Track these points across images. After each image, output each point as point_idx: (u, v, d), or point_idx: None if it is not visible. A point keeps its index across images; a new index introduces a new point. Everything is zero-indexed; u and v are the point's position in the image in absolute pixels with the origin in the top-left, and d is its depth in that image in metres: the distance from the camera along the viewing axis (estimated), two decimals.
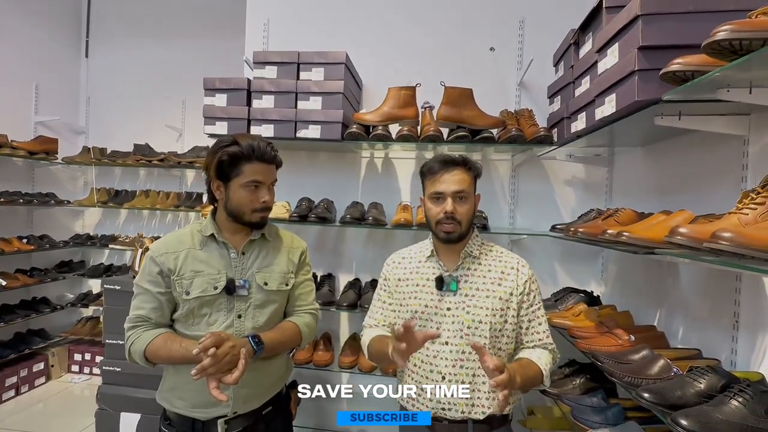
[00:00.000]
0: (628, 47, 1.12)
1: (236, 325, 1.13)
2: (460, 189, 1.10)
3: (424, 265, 1.18)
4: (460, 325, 1.09)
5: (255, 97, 1.94)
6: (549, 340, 1.16)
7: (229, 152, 1.10)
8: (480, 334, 1.08)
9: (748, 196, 0.88)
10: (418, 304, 1.14)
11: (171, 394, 1.15)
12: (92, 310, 3.54)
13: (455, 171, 1.11)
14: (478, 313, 1.09)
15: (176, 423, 1.14)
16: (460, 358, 1.08)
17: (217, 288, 1.12)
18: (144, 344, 1.08)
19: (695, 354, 1.22)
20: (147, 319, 1.12)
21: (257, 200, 1.13)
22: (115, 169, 3.64)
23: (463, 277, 1.13)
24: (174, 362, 1.11)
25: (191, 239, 1.17)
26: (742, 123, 1.11)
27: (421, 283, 1.16)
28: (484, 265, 1.14)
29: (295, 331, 1.20)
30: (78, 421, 2.58)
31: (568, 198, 2.10)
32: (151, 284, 1.13)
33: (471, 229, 1.16)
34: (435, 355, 1.10)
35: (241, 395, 1.12)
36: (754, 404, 0.84)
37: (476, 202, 1.16)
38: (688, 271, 1.39)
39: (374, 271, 2.20)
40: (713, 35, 0.78)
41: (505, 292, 1.11)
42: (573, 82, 1.61)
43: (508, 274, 1.13)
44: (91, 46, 3.78)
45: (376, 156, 2.24)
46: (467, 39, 2.17)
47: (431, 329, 1.11)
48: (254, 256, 1.19)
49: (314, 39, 2.24)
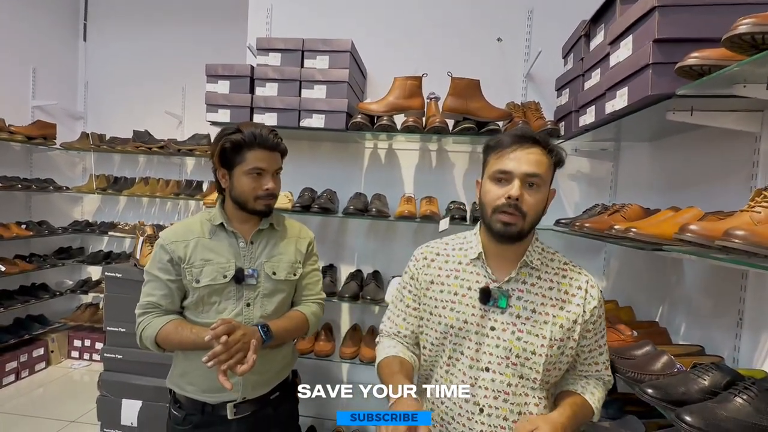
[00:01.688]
0: (642, 40, 1.09)
1: (245, 313, 1.15)
2: (534, 172, 0.85)
3: (466, 268, 0.95)
4: (507, 352, 0.88)
5: (258, 85, 1.90)
6: (608, 371, 0.99)
7: (231, 140, 1.11)
8: (531, 366, 0.88)
9: (761, 194, 0.87)
10: (454, 318, 0.92)
11: (181, 379, 1.18)
12: (92, 296, 3.54)
13: (532, 149, 0.87)
14: (533, 341, 0.88)
15: (186, 406, 1.17)
16: (504, 390, 0.88)
17: (226, 277, 1.14)
18: (155, 330, 1.11)
19: (698, 351, 1.23)
20: (157, 306, 1.15)
21: (260, 187, 1.14)
22: (114, 156, 3.60)
23: (516, 292, 0.91)
24: (185, 348, 1.14)
25: (200, 228, 1.18)
26: (755, 119, 1.10)
27: (461, 292, 0.93)
28: (545, 281, 0.92)
29: (302, 319, 1.22)
30: (78, 406, 2.59)
31: (572, 192, 2.09)
32: (162, 272, 1.15)
33: (532, 231, 0.92)
34: (473, 382, 0.90)
35: (249, 381, 1.15)
36: (759, 402, 0.84)
37: (549, 198, 0.92)
38: (692, 268, 1.39)
39: (376, 263, 2.20)
40: (734, 28, 0.77)
41: (568, 319, 0.89)
42: (582, 75, 1.59)
43: (573, 295, 0.91)
44: (88, 29, 3.71)
45: (380, 147, 2.22)
46: (474, 29, 2.13)
47: (469, 350, 0.91)
48: (263, 245, 1.20)
49: (318, 26, 2.20)
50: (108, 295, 1.72)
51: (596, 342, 0.96)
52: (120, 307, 1.71)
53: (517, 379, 0.89)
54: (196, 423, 1.15)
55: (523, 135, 0.89)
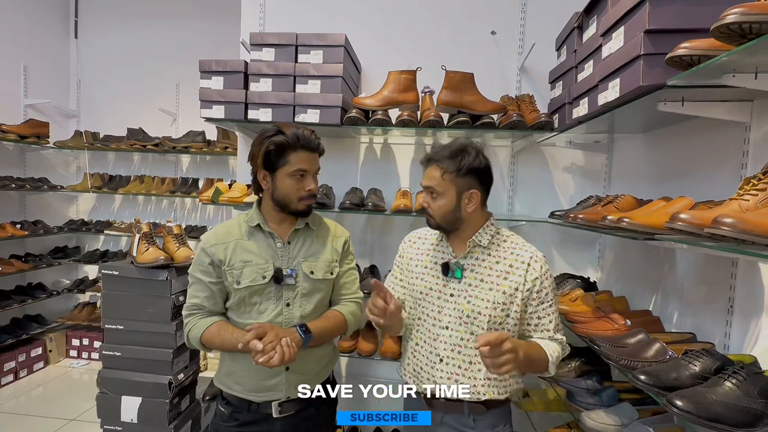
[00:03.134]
0: (634, 31, 1.10)
1: (285, 313, 1.17)
2: (428, 185, 1.11)
3: (436, 248, 1.19)
4: (460, 312, 1.10)
5: (252, 80, 1.90)
6: (559, 335, 1.12)
7: (275, 142, 1.11)
8: (478, 324, 1.08)
9: (750, 183, 0.89)
10: (423, 285, 1.16)
11: (228, 378, 1.20)
12: (89, 295, 3.53)
13: (429, 168, 1.11)
14: (479, 304, 1.08)
15: (233, 404, 1.19)
16: (458, 344, 1.10)
17: (265, 278, 1.15)
18: (200, 332, 1.14)
19: (690, 338, 1.25)
20: (202, 307, 1.17)
21: (303, 189, 1.15)
22: (108, 154, 3.58)
23: (470, 266, 1.12)
24: (227, 350, 1.16)
25: (239, 230, 1.20)
26: (745, 109, 1.11)
27: (429, 266, 1.17)
28: (493, 257, 1.12)
29: (340, 319, 1.23)
30: (78, 404, 2.60)
31: (566, 185, 2.11)
32: (204, 274, 1.17)
33: (484, 217, 1.13)
34: (435, 338, 1.12)
35: (293, 381, 1.17)
36: (747, 385, 0.87)
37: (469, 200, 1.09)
38: (684, 257, 1.41)
39: (373, 257, 2.21)
40: (723, 18, 0.77)
41: (510, 286, 1.08)
42: (576, 67, 1.60)
43: (517, 268, 1.09)
44: (80, 26, 3.66)
45: (376, 141, 2.22)
46: (468, 22, 2.13)
47: (433, 312, 1.13)
48: (299, 245, 1.21)
49: (311, 20, 2.19)
50: (105, 292, 1.72)
51: (544, 310, 1.10)
52: (118, 305, 1.71)
53: (468, 335, 1.09)
54: (243, 420, 1.18)
55: (428, 157, 1.12)
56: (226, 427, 1.19)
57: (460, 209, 1.09)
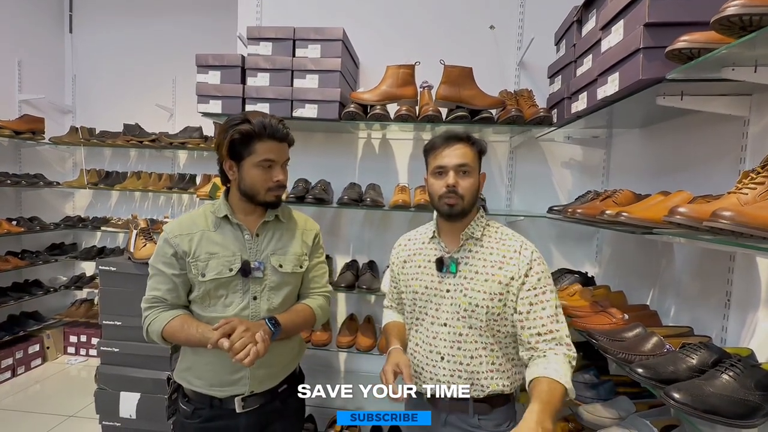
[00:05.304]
0: (633, 24, 1.10)
1: (252, 306, 1.14)
2: (462, 162, 1.06)
3: (427, 246, 1.18)
4: (458, 307, 1.08)
5: (249, 75, 1.88)
6: (556, 327, 1.03)
7: (240, 130, 1.07)
8: (477, 317, 1.07)
9: (748, 176, 0.89)
10: (419, 285, 1.15)
11: (188, 373, 1.17)
12: (86, 292, 3.52)
13: (457, 145, 1.08)
14: (475, 296, 1.07)
15: (194, 400, 1.16)
16: (457, 339, 1.09)
17: (232, 270, 1.12)
18: (161, 325, 1.10)
19: (687, 331, 1.26)
20: (162, 300, 1.13)
21: (271, 179, 1.12)
22: (104, 150, 3.55)
23: (464, 259, 1.11)
24: (192, 345, 1.13)
25: (205, 221, 1.16)
26: (743, 103, 1.11)
27: (423, 264, 1.16)
28: (486, 248, 1.11)
29: (309, 313, 1.22)
30: (76, 400, 2.60)
31: (565, 180, 2.11)
32: (166, 266, 1.13)
33: (476, 209, 1.14)
34: (434, 336, 1.11)
35: (257, 375, 1.14)
36: (744, 378, 0.87)
37: (481, 181, 1.13)
38: (682, 252, 1.41)
39: (371, 253, 2.21)
40: (723, 10, 0.77)
41: (506, 276, 1.07)
42: (575, 61, 1.59)
43: (510, 258, 1.08)
44: (74, 21, 3.62)
45: (374, 137, 2.21)
46: (467, 16, 2.11)
47: (431, 310, 1.13)
48: (268, 238, 1.19)
49: (309, 14, 2.17)
50: (103, 288, 1.71)
51: (536, 297, 1.06)
52: (115, 301, 1.71)
53: (467, 330, 1.08)
54: (206, 417, 1.15)
55: (448, 136, 1.10)
56: (190, 424, 1.16)
57: (479, 191, 1.11)
